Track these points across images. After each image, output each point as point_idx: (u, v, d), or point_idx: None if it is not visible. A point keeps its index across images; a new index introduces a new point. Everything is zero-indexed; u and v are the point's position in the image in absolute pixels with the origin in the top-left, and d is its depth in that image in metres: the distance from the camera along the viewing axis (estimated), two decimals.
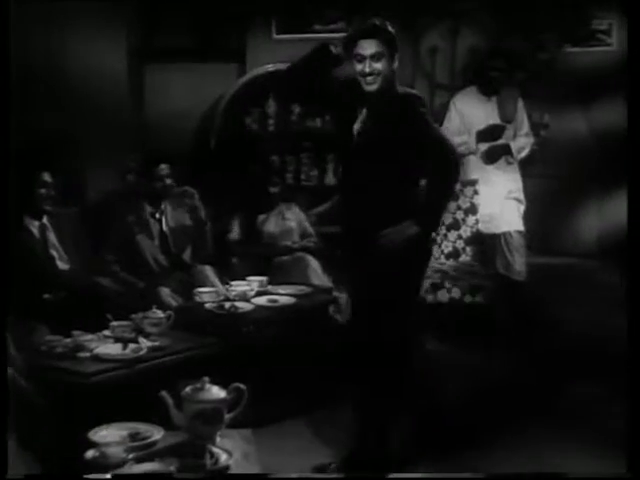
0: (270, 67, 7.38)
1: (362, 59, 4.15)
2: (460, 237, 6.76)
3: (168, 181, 5.93)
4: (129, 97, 7.71)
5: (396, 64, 4.22)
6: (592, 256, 7.71)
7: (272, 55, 7.50)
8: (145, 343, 4.47)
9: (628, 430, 3.34)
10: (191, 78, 7.79)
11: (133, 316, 4.72)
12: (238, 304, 5.21)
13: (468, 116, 6.69)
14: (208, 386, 3.23)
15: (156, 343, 4.50)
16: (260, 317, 5.19)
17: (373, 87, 4.18)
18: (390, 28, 4.20)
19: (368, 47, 4.13)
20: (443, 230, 6.64)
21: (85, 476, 2.92)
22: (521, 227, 6.60)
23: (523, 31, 7.27)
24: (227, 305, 5.17)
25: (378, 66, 4.14)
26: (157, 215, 5.99)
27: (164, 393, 3.23)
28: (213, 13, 7.66)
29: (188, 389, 3.22)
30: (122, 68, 7.62)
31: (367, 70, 4.14)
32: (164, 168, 5.91)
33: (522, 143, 6.66)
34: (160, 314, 4.75)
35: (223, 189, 7.14)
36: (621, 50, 7.39)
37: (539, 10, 7.30)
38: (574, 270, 7.55)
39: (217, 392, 3.22)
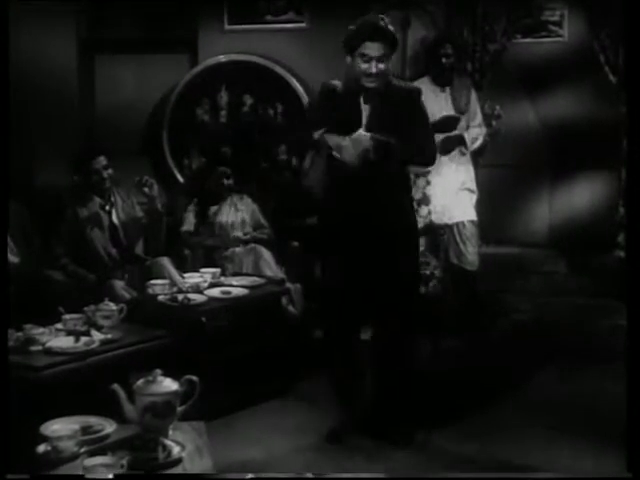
0: (222, 58, 7.40)
1: (369, 60, 4.25)
2: None
3: (105, 174, 5.84)
4: (79, 89, 7.69)
5: (390, 63, 4.34)
6: (542, 246, 7.81)
7: (224, 46, 7.55)
8: (97, 336, 4.43)
9: (628, 430, 3.36)
10: (142, 69, 7.81)
11: (85, 309, 4.67)
12: (191, 296, 5.17)
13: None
14: (160, 379, 3.21)
15: (108, 336, 4.46)
16: (213, 308, 5.16)
17: (374, 84, 4.30)
18: (392, 29, 4.31)
19: (376, 49, 4.24)
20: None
21: (85, 476, 2.90)
22: (474, 217, 6.60)
23: (473, 22, 7.25)
24: (180, 297, 5.14)
25: (382, 67, 4.26)
26: (107, 207, 5.92)
27: (116, 386, 3.22)
28: (164, 3, 7.62)
29: (140, 382, 3.21)
30: (72, 59, 7.62)
31: (374, 71, 4.26)
32: (101, 160, 5.83)
33: (475, 134, 6.64)
34: (112, 307, 4.71)
35: (174, 181, 7.14)
36: (572, 41, 7.51)
37: (489, 1, 7.27)
38: (525, 259, 7.65)
39: (169, 385, 3.21)
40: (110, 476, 2.87)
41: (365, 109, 4.40)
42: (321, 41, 7.13)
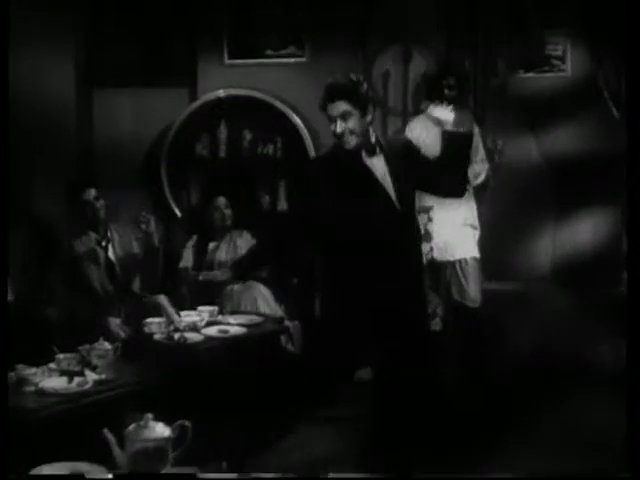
0: (221, 92, 7.36)
1: (333, 120, 4.25)
2: None
3: (98, 204, 5.83)
4: (77, 121, 7.63)
5: (370, 117, 4.30)
6: (546, 281, 7.68)
7: (224, 80, 7.49)
8: (91, 376, 4.37)
9: (628, 430, 3.38)
10: (141, 102, 7.73)
11: (80, 348, 4.62)
12: (187, 335, 5.12)
13: (424, 142, 6.52)
14: (152, 423, 3.11)
15: (102, 376, 4.40)
16: (210, 348, 5.09)
17: (349, 145, 4.27)
18: (357, 84, 4.28)
19: (335, 108, 4.23)
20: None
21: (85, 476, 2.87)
22: (476, 254, 6.52)
23: (475, 56, 7.24)
24: (176, 336, 5.08)
25: (348, 125, 4.23)
26: (103, 243, 5.89)
27: (106, 431, 3.11)
28: (164, 37, 7.63)
29: (131, 427, 3.11)
30: (70, 91, 7.55)
31: (338, 130, 4.24)
32: (92, 192, 5.82)
33: (478, 169, 6.57)
34: (107, 346, 4.65)
35: (172, 216, 7.06)
36: (575, 76, 7.45)
37: (492, 35, 7.28)
38: (528, 295, 7.48)
39: (161, 430, 3.10)
40: (110, 476, 2.85)
41: (371, 162, 4.35)
42: (322, 76, 6.97)
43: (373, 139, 4.35)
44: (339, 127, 4.23)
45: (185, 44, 7.65)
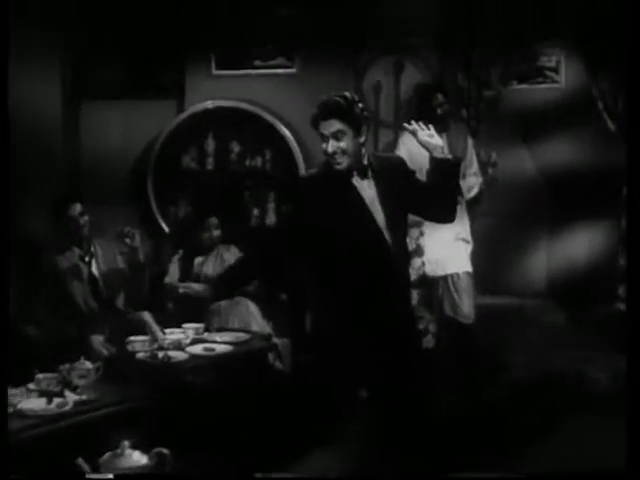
0: (209, 104, 7.28)
1: (325, 139, 4.12)
2: None
3: (82, 221, 5.73)
4: (64, 134, 7.56)
5: (363, 138, 4.18)
6: (540, 296, 7.61)
7: (212, 91, 7.43)
8: (71, 397, 4.28)
9: (628, 430, 3.37)
10: (128, 114, 7.66)
11: (60, 368, 4.53)
12: (172, 353, 5.01)
13: (417, 155, 6.26)
14: (128, 452, 2.98)
15: (83, 397, 4.31)
16: (195, 367, 4.97)
17: (340, 166, 4.14)
18: (352, 103, 4.16)
19: (328, 127, 4.11)
20: None
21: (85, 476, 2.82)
22: (469, 268, 6.45)
23: (468, 67, 7.18)
24: (160, 354, 4.96)
25: (341, 145, 4.11)
26: (86, 258, 5.79)
27: (81, 461, 2.97)
28: (150, 48, 7.54)
29: (106, 455, 2.97)
30: (57, 104, 7.47)
31: (329, 150, 4.11)
32: (77, 207, 5.73)
33: (471, 182, 6.52)
34: (88, 365, 4.57)
35: (159, 230, 6.99)
36: (569, 87, 7.40)
37: (484, 47, 7.22)
38: (522, 310, 7.43)
39: (138, 458, 2.98)
40: (110, 476, 2.81)
41: (362, 184, 4.23)
42: (311, 87, 6.98)
43: (365, 161, 4.23)
44: (331, 147, 4.11)
45: (172, 55, 7.57)
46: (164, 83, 7.65)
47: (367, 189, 4.22)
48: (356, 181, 4.21)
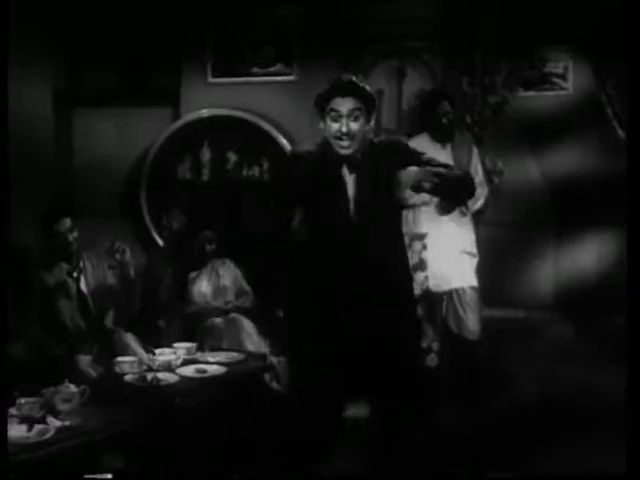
0: (204, 112, 7.18)
1: (338, 117, 3.81)
2: None
3: (71, 237, 5.59)
4: (55, 144, 7.46)
5: (372, 123, 3.91)
6: (547, 308, 7.49)
7: (208, 99, 7.33)
8: (54, 423, 4.09)
9: (628, 430, 3.39)
10: (123, 123, 7.58)
11: (43, 391, 4.32)
12: (161, 375, 4.79)
13: None
14: None
15: (66, 423, 4.10)
16: (185, 389, 4.75)
17: (348, 150, 3.85)
18: (368, 88, 3.91)
19: (346, 104, 3.80)
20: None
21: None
22: (475, 282, 6.33)
23: (472, 72, 7.08)
24: (149, 377, 4.75)
25: (355, 126, 3.81)
26: (74, 274, 5.64)
27: None
28: (145, 54, 7.46)
29: None
30: (48, 112, 7.37)
31: (344, 130, 3.80)
32: (66, 223, 5.59)
33: (477, 193, 6.17)
34: (73, 389, 4.35)
35: (152, 243, 6.95)
36: (577, 94, 7.29)
37: (489, 52, 7.11)
38: (528, 323, 7.30)
39: None
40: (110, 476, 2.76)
41: (350, 180, 3.94)
42: (311, 95, 6.68)
43: (360, 155, 3.92)
44: (345, 126, 3.79)
45: (167, 61, 7.49)
46: (158, 91, 7.57)
47: (351, 184, 3.94)
48: (346, 173, 3.93)
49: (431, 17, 7.09)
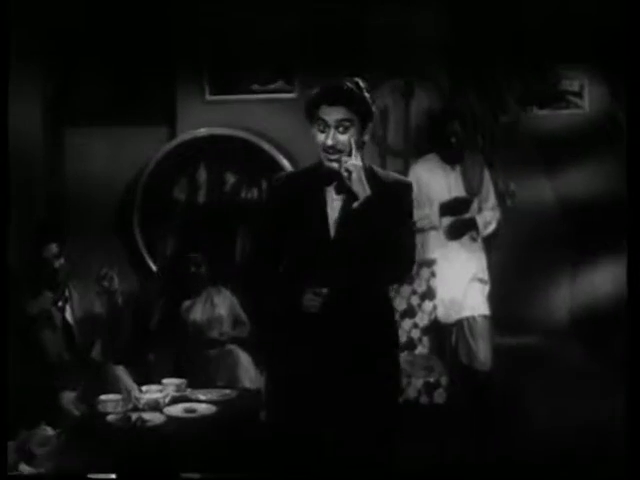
0: (201, 131, 6.99)
1: (325, 127, 3.47)
2: (416, 326, 6.25)
3: (57, 264, 5.42)
4: (45, 164, 7.22)
5: (367, 136, 3.55)
6: (563, 334, 7.30)
7: (205, 117, 7.13)
8: (26, 471, 3.94)
9: (628, 430, 3.37)
10: (116, 142, 7.33)
11: (19, 434, 4.19)
12: (147, 415, 4.53)
13: (429, 186, 6.27)
14: None
15: (40, 469, 3.97)
16: (172, 432, 4.48)
17: (336, 165, 3.47)
18: (365, 92, 3.53)
19: (334, 113, 3.45)
20: (396, 317, 6.11)
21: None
22: (486, 311, 6.20)
23: (483, 90, 6.98)
24: (134, 417, 4.49)
25: (343, 138, 3.45)
26: (60, 303, 5.46)
27: None
28: (140, 71, 7.22)
29: None
30: (37, 131, 7.13)
31: (329, 143, 3.44)
32: (52, 248, 5.42)
33: (488, 217, 6.29)
34: (49, 432, 4.22)
35: (146, 269, 6.75)
36: (593, 113, 7.19)
37: (501, 69, 7.04)
38: (543, 350, 7.15)
39: None
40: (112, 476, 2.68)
41: (335, 202, 3.58)
42: None
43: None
44: (331, 139, 3.44)
45: (163, 78, 7.26)
46: (154, 108, 7.35)
47: (335, 209, 3.59)
48: (331, 194, 3.58)
49: (439, 32, 6.96)
